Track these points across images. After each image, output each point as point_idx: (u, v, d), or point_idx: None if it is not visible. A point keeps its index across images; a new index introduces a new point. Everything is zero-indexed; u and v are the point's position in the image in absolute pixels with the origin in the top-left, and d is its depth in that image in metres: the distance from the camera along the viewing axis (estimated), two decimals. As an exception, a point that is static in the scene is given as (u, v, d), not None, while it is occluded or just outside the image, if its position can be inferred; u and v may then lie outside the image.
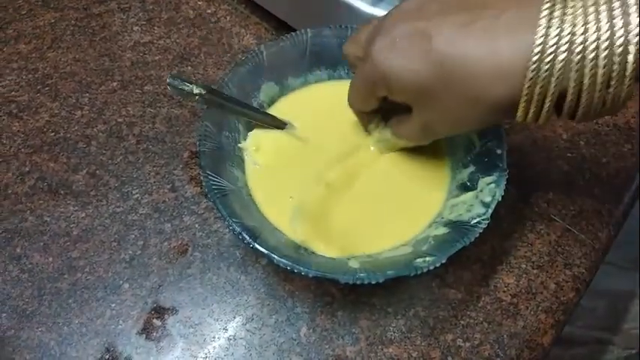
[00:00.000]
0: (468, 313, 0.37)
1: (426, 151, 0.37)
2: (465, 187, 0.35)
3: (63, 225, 0.39)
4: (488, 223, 0.32)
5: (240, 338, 0.35)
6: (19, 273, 0.38)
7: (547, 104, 0.26)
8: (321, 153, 0.38)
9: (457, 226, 0.33)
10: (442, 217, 0.35)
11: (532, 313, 0.37)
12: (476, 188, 0.34)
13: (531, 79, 0.25)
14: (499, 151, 0.35)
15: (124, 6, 0.51)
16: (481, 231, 0.32)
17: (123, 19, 0.50)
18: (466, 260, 0.38)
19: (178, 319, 0.36)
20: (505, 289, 0.37)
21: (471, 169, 0.36)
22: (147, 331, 0.36)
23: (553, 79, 0.25)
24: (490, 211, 0.32)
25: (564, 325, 0.37)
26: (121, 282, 0.37)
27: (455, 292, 0.37)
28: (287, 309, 0.37)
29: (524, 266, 0.38)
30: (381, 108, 0.35)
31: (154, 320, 0.36)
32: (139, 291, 0.37)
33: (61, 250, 0.38)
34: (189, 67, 0.47)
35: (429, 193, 0.37)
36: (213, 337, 0.35)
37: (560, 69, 0.25)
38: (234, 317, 0.36)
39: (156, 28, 0.50)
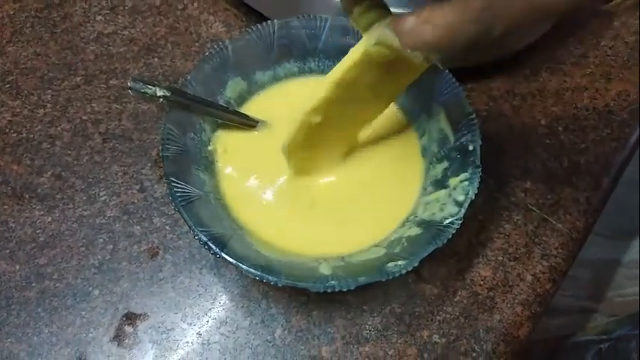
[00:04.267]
0: (444, 308, 0.36)
1: (399, 146, 0.36)
2: (438, 184, 0.35)
3: (29, 231, 0.38)
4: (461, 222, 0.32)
5: (214, 342, 0.35)
6: (-15, 282, 0.37)
7: None
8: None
9: (430, 227, 0.32)
10: (416, 216, 0.34)
11: (508, 306, 0.36)
12: (449, 186, 0.34)
13: None
14: (473, 147, 0.34)
15: (85, -6, 0.49)
16: (454, 232, 0.31)
17: (85, 8, 0.48)
18: (442, 254, 0.37)
19: (150, 325, 0.35)
20: (481, 282, 0.37)
21: (445, 165, 0.35)
22: (119, 338, 0.35)
23: None
24: (463, 210, 0.32)
25: (541, 317, 0.37)
26: (91, 288, 0.36)
27: (431, 287, 0.37)
28: (261, 310, 0.36)
29: (500, 258, 0.38)
30: None
31: (126, 327, 0.35)
32: (110, 297, 0.36)
33: (27, 257, 0.37)
34: (156, 59, 0.46)
35: (402, 190, 0.36)
36: (187, 342, 0.35)
37: None
38: (208, 321, 0.36)
39: (120, 17, 0.48)
